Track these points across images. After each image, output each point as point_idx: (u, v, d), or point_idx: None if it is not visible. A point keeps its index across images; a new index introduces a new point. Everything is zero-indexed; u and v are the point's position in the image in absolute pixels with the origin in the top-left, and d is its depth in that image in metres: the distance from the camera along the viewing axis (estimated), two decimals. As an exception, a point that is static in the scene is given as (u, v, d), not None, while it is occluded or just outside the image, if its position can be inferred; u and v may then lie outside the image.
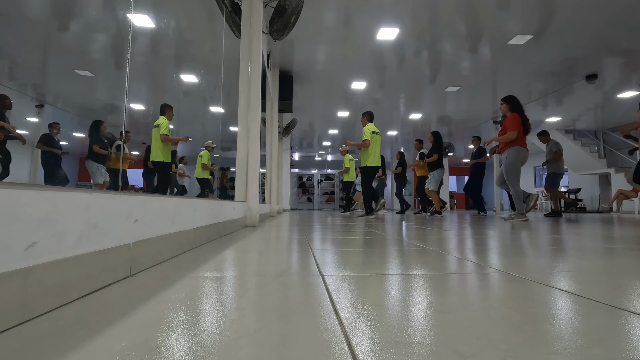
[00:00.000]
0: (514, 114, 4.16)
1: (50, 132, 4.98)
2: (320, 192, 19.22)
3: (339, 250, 1.42)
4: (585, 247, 1.53)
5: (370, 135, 5.25)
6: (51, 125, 5.03)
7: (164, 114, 4.97)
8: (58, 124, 5.15)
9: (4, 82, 6.13)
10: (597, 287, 0.78)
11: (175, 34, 5.18)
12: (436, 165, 6.38)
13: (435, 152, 6.36)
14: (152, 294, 0.69)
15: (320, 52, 5.90)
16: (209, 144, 7.91)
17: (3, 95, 4.11)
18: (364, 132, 5.32)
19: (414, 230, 2.61)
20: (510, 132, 4.04)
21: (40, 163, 4.86)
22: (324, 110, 9.56)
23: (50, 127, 5.01)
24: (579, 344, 0.45)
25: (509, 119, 4.12)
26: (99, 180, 4.97)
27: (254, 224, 2.91)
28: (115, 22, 4.74)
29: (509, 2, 4.43)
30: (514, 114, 4.16)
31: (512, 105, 4.23)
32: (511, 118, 4.10)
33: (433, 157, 6.34)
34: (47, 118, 7.24)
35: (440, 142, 6.44)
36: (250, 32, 3.17)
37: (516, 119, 4.09)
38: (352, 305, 0.63)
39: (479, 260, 1.16)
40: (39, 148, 4.87)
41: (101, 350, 0.43)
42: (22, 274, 0.50)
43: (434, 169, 6.42)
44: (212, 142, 8.12)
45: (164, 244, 1.07)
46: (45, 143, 4.88)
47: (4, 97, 4.09)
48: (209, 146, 7.88)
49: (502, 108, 4.33)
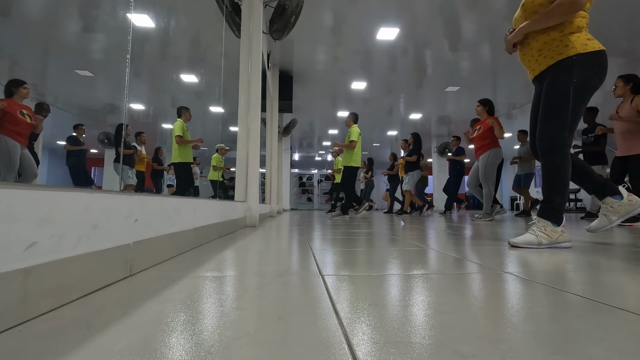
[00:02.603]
0: (494, 117, 4.25)
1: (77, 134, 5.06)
2: (320, 192, 19.21)
3: (339, 250, 1.42)
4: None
5: (358, 136, 5.27)
6: (76, 127, 5.10)
7: (180, 116, 5.06)
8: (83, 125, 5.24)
9: (4, 82, 6.14)
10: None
11: (175, 33, 5.18)
12: (413, 167, 6.41)
13: (415, 153, 6.39)
14: (152, 294, 0.69)
15: (320, 52, 5.90)
16: (220, 147, 7.93)
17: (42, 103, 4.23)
18: (352, 133, 5.32)
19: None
20: (499, 128, 4.07)
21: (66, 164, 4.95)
22: (324, 110, 9.56)
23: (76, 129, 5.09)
24: (579, 344, 0.45)
25: (496, 119, 4.17)
26: (129, 182, 5.06)
27: (254, 224, 2.91)
28: (115, 22, 4.74)
29: (509, 2, 4.43)
30: (494, 117, 4.25)
31: (490, 108, 4.30)
32: (495, 120, 4.15)
33: (412, 157, 6.37)
34: (47, 118, 7.24)
35: (420, 144, 6.49)
36: (250, 32, 3.17)
37: (498, 122, 4.15)
38: (352, 305, 0.63)
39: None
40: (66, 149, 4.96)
41: (101, 350, 0.43)
42: (22, 274, 0.50)
43: (411, 170, 6.46)
44: (224, 145, 8.15)
45: (164, 244, 1.07)
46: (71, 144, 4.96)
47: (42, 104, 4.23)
48: (222, 149, 7.89)
49: (478, 110, 4.38)
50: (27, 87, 3.41)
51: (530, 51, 1.70)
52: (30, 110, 3.49)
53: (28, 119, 3.39)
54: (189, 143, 5.06)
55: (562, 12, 1.55)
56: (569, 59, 1.56)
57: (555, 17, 1.57)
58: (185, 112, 5.08)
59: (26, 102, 3.45)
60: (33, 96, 6.99)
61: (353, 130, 5.33)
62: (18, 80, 3.43)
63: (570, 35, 1.58)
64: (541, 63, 1.67)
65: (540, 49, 1.65)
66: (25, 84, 3.40)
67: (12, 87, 3.34)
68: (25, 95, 3.40)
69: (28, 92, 3.41)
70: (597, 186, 1.70)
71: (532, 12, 1.65)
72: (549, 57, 1.63)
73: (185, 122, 5.06)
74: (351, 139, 5.26)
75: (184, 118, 5.04)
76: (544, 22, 1.59)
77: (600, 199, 1.70)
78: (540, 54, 1.66)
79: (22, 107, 3.36)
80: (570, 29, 1.59)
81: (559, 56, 1.59)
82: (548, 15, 1.57)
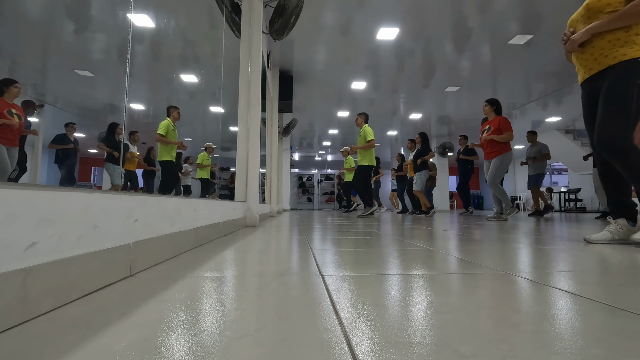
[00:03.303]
0: (503, 117, 4.29)
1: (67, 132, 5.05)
2: (320, 192, 19.21)
3: (338, 250, 1.42)
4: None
5: (373, 134, 5.34)
6: (67, 125, 5.11)
7: (169, 115, 5.10)
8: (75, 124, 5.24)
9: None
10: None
11: (174, 33, 5.18)
12: (422, 167, 6.42)
13: (424, 153, 6.41)
14: (152, 294, 0.69)
15: (320, 52, 5.90)
16: (208, 145, 7.94)
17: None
18: (367, 132, 5.35)
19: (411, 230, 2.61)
20: (508, 132, 4.13)
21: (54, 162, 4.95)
22: (324, 110, 9.56)
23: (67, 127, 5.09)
24: (579, 344, 0.45)
25: (503, 120, 4.21)
26: (117, 182, 5.07)
27: (254, 224, 2.91)
28: (115, 22, 4.74)
29: (510, 2, 4.43)
30: (503, 117, 4.29)
31: (497, 107, 4.33)
32: (505, 120, 4.20)
33: (427, 156, 6.39)
34: (47, 118, 7.25)
35: (428, 143, 6.51)
36: (250, 32, 3.17)
37: (508, 121, 4.21)
38: (352, 305, 0.63)
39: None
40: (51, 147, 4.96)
41: (101, 350, 0.43)
42: (22, 274, 0.50)
43: (420, 170, 6.47)
44: (212, 143, 8.15)
45: (164, 244, 1.07)
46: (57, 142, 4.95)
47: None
48: (209, 147, 7.90)
49: (485, 109, 4.40)
50: (19, 87, 3.39)
51: (592, 49, 1.67)
52: (20, 110, 3.47)
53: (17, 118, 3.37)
54: (169, 144, 5.07)
55: (638, 13, 1.52)
56: (633, 60, 1.54)
57: (631, 17, 1.54)
58: (174, 111, 5.11)
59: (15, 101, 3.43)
60: (33, 96, 6.99)
61: (367, 129, 5.38)
62: (9, 79, 3.41)
63: (635, 36, 1.56)
64: (601, 62, 1.63)
65: (602, 48, 1.62)
66: (16, 82, 3.38)
67: (3, 86, 3.32)
68: (16, 95, 3.38)
69: (19, 91, 3.39)
70: (622, 205, 1.68)
71: (598, 11, 1.63)
72: (611, 56, 1.60)
73: (174, 121, 5.08)
74: (369, 138, 5.32)
75: (172, 117, 5.07)
76: (619, 22, 1.56)
77: (614, 218, 1.69)
78: (601, 53, 1.63)
79: (12, 106, 3.34)
80: (636, 30, 1.56)
81: (623, 57, 1.56)
82: (624, 16, 1.54)
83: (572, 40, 1.74)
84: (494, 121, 4.26)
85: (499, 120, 4.23)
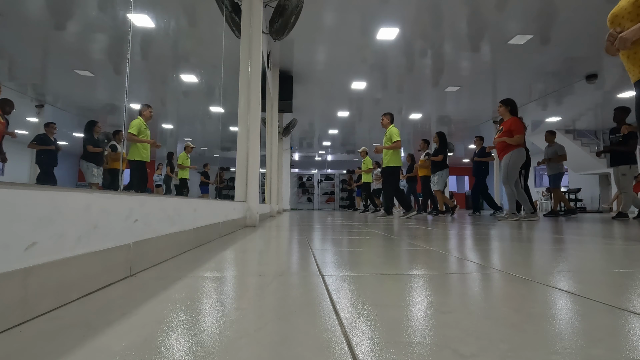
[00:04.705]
0: (516, 117, 4.26)
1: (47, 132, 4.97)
2: (320, 192, 19.21)
3: (338, 250, 1.42)
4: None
5: (399, 135, 5.33)
6: (47, 125, 5.02)
7: (140, 114, 4.91)
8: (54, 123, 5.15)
9: (4, 82, 6.13)
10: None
11: (174, 33, 5.18)
12: (442, 166, 6.41)
13: (441, 152, 6.39)
14: (152, 294, 0.69)
15: (320, 52, 5.90)
16: (187, 144, 7.79)
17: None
18: (393, 133, 5.33)
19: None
20: (518, 135, 4.11)
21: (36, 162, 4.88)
22: (324, 110, 9.56)
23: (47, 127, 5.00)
24: (579, 344, 0.45)
25: (514, 122, 4.18)
26: (92, 180, 4.97)
27: (254, 224, 2.91)
28: (114, 22, 4.74)
29: (509, 2, 4.43)
30: (516, 117, 4.26)
31: (512, 108, 4.31)
32: (516, 121, 4.18)
33: (438, 157, 6.37)
34: (47, 118, 7.24)
35: (446, 143, 6.49)
36: (250, 32, 3.17)
37: (520, 122, 4.20)
38: (352, 305, 0.63)
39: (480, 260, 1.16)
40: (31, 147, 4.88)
41: (101, 350, 0.43)
42: (22, 274, 0.50)
43: (439, 169, 6.44)
44: (191, 142, 8.02)
45: (164, 244, 1.07)
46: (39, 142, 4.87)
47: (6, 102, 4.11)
48: (188, 146, 7.75)
49: (500, 110, 4.38)
50: None
51: None
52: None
53: None
54: (139, 142, 4.88)
55: None
56: None
57: None
58: (145, 110, 4.95)
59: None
60: (33, 96, 6.99)
61: (393, 130, 5.36)
62: None
63: None
64: None
65: None
66: None
67: None
68: None
69: None
70: None
71: None
72: None
73: (146, 120, 4.90)
74: (395, 139, 5.30)
75: (144, 116, 4.89)
76: None
77: None
78: None
79: None
80: None
81: None
82: None
83: (623, 38, 1.65)
84: (506, 122, 4.24)
85: (511, 121, 4.20)
